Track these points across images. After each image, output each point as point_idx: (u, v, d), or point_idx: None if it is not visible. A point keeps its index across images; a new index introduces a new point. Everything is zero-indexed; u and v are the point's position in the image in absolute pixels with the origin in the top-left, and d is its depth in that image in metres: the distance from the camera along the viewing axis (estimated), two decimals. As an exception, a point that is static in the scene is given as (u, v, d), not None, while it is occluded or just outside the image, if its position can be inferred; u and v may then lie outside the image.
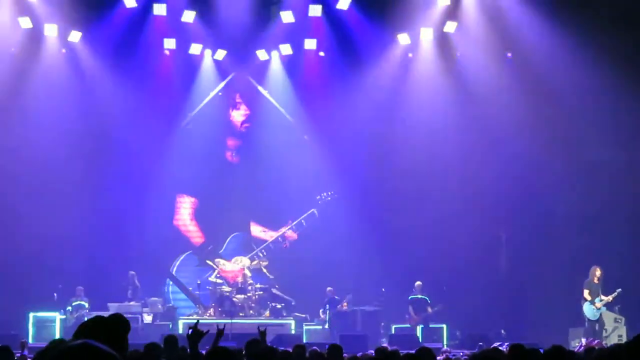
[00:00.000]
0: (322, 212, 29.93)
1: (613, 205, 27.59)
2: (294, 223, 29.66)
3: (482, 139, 28.99)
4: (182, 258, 30.18)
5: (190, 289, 29.43)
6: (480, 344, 20.44)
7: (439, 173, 28.97)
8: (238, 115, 30.70)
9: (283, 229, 29.92)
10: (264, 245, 29.54)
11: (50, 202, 27.96)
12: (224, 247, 29.84)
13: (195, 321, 9.16)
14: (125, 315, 20.74)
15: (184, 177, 29.85)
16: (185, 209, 30.52)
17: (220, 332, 9.69)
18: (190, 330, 8.87)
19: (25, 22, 27.44)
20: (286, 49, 29.39)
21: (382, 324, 27.36)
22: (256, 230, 30.32)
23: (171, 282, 30.05)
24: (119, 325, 5.22)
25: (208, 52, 29.42)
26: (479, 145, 28.99)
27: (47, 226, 27.76)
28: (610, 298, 24.91)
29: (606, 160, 28.06)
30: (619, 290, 24.80)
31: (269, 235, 29.96)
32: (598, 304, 24.86)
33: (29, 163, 27.97)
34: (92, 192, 28.77)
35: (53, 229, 27.73)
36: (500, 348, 15.97)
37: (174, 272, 30.09)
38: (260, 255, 29.43)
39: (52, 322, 25.91)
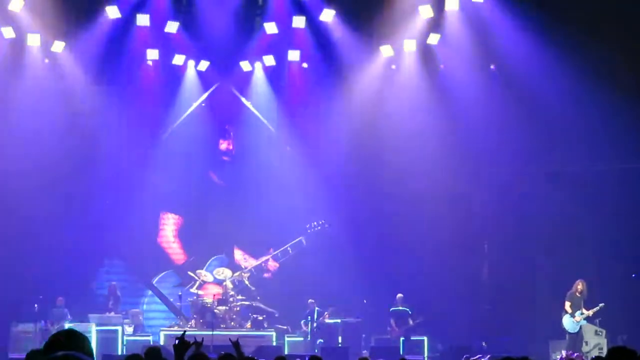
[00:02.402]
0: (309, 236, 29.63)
1: (597, 217, 27.65)
2: (280, 250, 29.38)
3: (465, 150, 29.05)
4: (160, 275, 30.07)
5: (172, 299, 29.36)
6: (467, 355, 20.44)
7: (421, 184, 28.97)
8: (224, 146, 30.62)
9: (264, 258, 29.59)
10: (246, 270, 29.27)
11: (31, 214, 27.86)
12: (204, 268, 29.63)
13: (182, 332, 9.14)
14: (106, 327, 20.61)
15: (169, 194, 29.75)
16: (169, 226, 30.45)
17: (199, 344, 9.66)
18: (176, 341, 8.84)
19: (8, 32, 27.36)
20: (269, 60, 29.39)
21: (364, 335, 27.33)
22: (238, 256, 30.21)
23: (148, 293, 29.95)
24: (84, 339, 5.19)
25: (191, 63, 29.38)
26: (462, 157, 29.04)
27: (28, 237, 27.71)
28: (591, 312, 24.94)
29: (590, 172, 28.14)
30: (602, 304, 24.82)
31: (250, 264, 29.69)
32: (578, 318, 24.89)
33: (10, 174, 27.86)
34: (74, 204, 28.69)
35: (35, 240, 27.68)
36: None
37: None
38: (244, 267, 29.33)
39: (31, 333, 25.75)
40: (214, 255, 30.10)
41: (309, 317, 27.37)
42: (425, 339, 27.06)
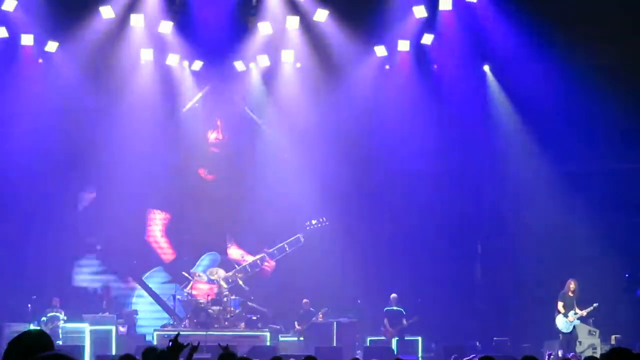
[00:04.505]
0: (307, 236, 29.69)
1: (589, 217, 27.68)
2: (277, 247, 29.44)
3: (459, 150, 29.10)
4: (147, 274, 30.02)
5: (165, 299, 29.34)
6: (455, 355, 20.44)
7: (415, 184, 29.03)
8: (213, 136, 30.62)
9: (258, 256, 29.65)
10: (240, 267, 29.30)
11: (24, 213, 27.91)
12: (196, 266, 29.67)
13: (176, 333, 9.13)
14: (99, 327, 20.49)
15: (158, 192, 29.72)
16: (156, 224, 30.40)
17: (194, 348, 9.65)
18: (170, 343, 8.81)
19: (2, 32, 27.33)
20: (263, 61, 29.38)
21: (358, 335, 27.34)
22: (235, 253, 30.19)
23: (136, 293, 29.92)
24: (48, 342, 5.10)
25: (185, 63, 29.38)
26: (455, 156, 29.09)
27: (21, 235, 27.74)
28: (584, 312, 24.94)
29: (583, 172, 28.17)
30: (595, 304, 24.81)
31: (245, 260, 29.75)
32: (571, 317, 24.91)
33: (2, 174, 27.87)
34: (66, 203, 28.76)
35: (27, 239, 27.70)
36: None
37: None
38: (236, 266, 29.35)
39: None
40: (206, 252, 30.06)
41: (303, 317, 27.36)
42: (420, 338, 27.08)
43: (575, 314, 24.93)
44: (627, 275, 26.99)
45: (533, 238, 28.33)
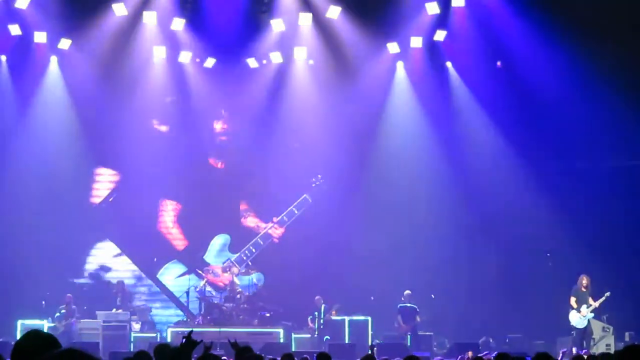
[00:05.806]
0: (310, 216, 29.87)
1: (602, 214, 27.62)
2: (286, 212, 29.73)
3: (471, 146, 29.09)
4: (164, 267, 30.08)
5: (179, 296, 29.40)
6: (461, 356, 20.42)
7: (428, 180, 29.04)
8: (218, 128, 30.69)
9: (269, 226, 29.96)
10: (251, 243, 29.51)
11: (38, 208, 28.01)
12: (207, 250, 29.84)
13: (189, 331, 9.15)
14: (113, 323, 20.48)
15: (169, 183, 29.80)
16: (168, 213, 30.45)
17: (208, 349, 9.68)
18: (183, 340, 8.82)
19: (15, 30, 27.40)
20: (276, 58, 29.40)
21: (371, 332, 27.23)
22: (252, 222, 30.36)
23: (152, 290, 30.02)
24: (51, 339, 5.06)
25: (198, 60, 29.41)
26: (468, 152, 29.08)
27: (35, 232, 27.82)
28: (597, 304, 24.88)
29: (595, 169, 28.11)
30: (608, 293, 24.74)
31: (260, 228, 30.09)
32: (584, 311, 24.86)
33: (16, 170, 27.97)
34: (80, 198, 28.91)
35: (41, 235, 27.79)
36: (485, 358, 15.99)
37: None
38: (253, 251, 29.47)
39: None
40: (216, 234, 30.14)
41: (316, 313, 27.38)
42: (433, 335, 27.04)
43: (589, 306, 24.86)
44: (640, 272, 26.90)
45: (547, 235, 28.26)
